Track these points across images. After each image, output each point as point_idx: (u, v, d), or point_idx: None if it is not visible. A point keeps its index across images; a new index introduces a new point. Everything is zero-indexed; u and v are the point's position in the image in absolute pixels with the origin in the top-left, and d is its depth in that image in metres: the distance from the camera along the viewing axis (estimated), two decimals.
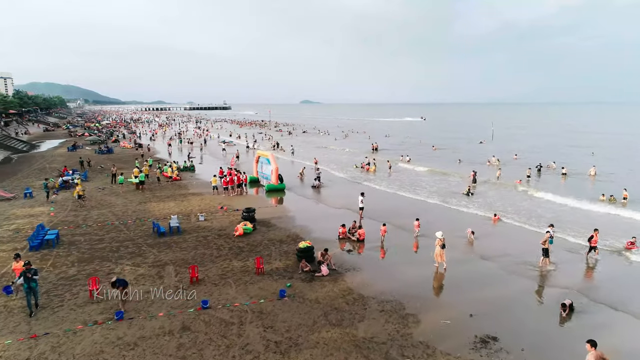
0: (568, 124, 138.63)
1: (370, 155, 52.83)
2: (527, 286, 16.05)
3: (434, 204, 29.22)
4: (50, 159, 49.92)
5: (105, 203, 28.33)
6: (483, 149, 64.18)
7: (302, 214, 26.37)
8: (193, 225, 23.40)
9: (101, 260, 17.91)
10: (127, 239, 20.80)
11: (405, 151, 58.59)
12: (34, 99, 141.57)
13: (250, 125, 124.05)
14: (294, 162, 50.43)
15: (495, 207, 27.95)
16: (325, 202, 30.18)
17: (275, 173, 33.11)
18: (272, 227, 23.16)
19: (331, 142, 75.24)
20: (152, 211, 26.30)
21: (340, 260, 18.22)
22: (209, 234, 21.71)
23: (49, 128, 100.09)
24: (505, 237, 22.20)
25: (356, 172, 42.32)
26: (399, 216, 25.38)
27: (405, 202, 29.85)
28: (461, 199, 30.61)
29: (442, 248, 17.53)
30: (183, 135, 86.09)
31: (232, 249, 19.47)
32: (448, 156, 55.22)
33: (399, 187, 34.86)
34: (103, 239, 20.78)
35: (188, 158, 51.19)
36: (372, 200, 28.53)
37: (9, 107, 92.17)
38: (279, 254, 18.84)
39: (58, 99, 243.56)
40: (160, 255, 18.60)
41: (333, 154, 57.04)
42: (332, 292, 15.11)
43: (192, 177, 38.47)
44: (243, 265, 17.52)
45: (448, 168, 44.88)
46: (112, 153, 56.13)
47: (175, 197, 30.28)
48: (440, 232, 18.11)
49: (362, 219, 25.09)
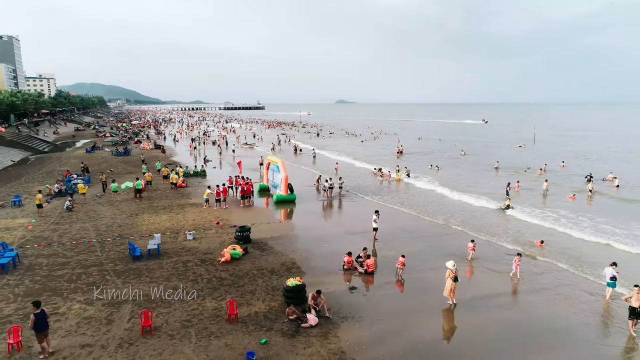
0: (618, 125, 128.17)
1: (389, 161, 48.82)
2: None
3: (459, 225, 25.00)
4: (64, 161, 48.61)
5: (93, 214, 25.77)
6: (522, 154, 58.56)
7: (306, 233, 22.83)
8: (178, 245, 20.32)
9: (51, 293, 15.00)
10: (95, 263, 17.91)
11: (433, 155, 54.13)
12: (70, 99, 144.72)
13: (278, 126, 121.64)
14: (316, 166, 47.02)
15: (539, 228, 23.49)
16: (336, 219, 26.63)
17: (285, 182, 29.73)
18: (266, 251, 19.74)
19: (357, 145, 71.31)
20: (139, 226, 23.48)
21: (339, 302, 14.58)
22: (191, 259, 18.53)
23: (80, 128, 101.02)
24: (551, 275, 17.83)
25: (375, 181, 38.31)
26: (418, 239, 21.51)
27: (423, 222, 25.73)
28: (495, 215, 26.19)
29: (455, 281, 14.39)
30: (207, 136, 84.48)
31: (211, 282, 16.18)
32: (479, 162, 50.14)
33: (418, 202, 30.73)
34: (69, 262, 17.96)
35: (204, 161, 48.77)
36: (388, 218, 24.75)
37: (41, 107, 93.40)
38: (265, 291, 15.39)
39: (97, 99, 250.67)
40: (123, 287, 15.53)
41: (356, 158, 53.09)
42: (318, 354, 11.51)
43: (199, 184, 35.59)
44: (217, 306, 14.16)
45: (475, 178, 40.20)
46: (129, 155, 54.48)
47: (172, 208, 27.43)
48: (452, 262, 14.85)
49: (377, 240, 21.32)
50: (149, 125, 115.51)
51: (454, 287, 14.61)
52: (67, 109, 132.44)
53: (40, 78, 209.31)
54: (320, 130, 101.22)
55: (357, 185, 35.34)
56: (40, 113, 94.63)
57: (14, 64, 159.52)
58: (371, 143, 74.89)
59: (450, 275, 14.67)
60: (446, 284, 14.76)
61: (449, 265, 14.88)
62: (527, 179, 38.56)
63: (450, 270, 14.72)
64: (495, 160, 46.93)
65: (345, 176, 35.95)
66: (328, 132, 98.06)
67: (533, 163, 47.21)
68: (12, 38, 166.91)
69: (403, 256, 17.21)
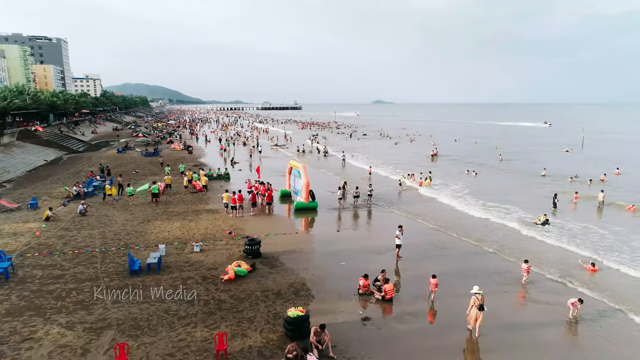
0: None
1: (422, 166, 46.00)
2: None
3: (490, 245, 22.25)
4: (94, 161, 48.86)
5: (105, 220, 24.83)
6: (570, 159, 54.08)
7: (323, 248, 20.88)
8: (183, 258, 18.84)
9: (34, 313, 13.74)
10: (90, 277, 16.65)
11: (468, 160, 50.77)
12: (112, 98, 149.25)
13: (312, 126, 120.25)
14: (345, 170, 44.97)
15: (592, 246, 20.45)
16: (358, 231, 24.42)
17: (306, 189, 27.87)
18: (276, 268, 17.92)
19: (390, 147, 68.59)
20: (149, 234, 22.25)
21: (348, 336, 12.55)
22: (193, 275, 16.97)
23: (118, 127, 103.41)
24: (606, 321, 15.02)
25: (403, 189, 35.78)
26: (446, 258, 19.10)
27: (451, 237, 23.12)
28: (532, 232, 23.24)
29: (480, 310, 12.38)
30: (239, 135, 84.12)
31: (208, 304, 14.50)
32: (519, 168, 46.37)
33: (446, 216, 28.04)
34: (63, 275, 16.79)
35: (231, 163, 47.75)
36: (413, 232, 22.51)
37: (82, 107, 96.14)
38: (265, 319, 13.54)
39: (139, 99, 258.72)
40: (112, 308, 14.11)
41: (385, 162, 50.54)
42: None
43: (221, 188, 34.19)
44: (208, 337, 12.43)
45: (513, 187, 36.88)
46: (157, 155, 54.28)
47: (187, 215, 26.15)
48: (477, 287, 12.94)
49: (400, 258, 19.08)
50: (184, 125, 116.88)
51: (479, 316, 12.53)
52: (108, 108, 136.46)
53: (87, 79, 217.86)
54: (354, 132, 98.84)
55: (384, 194, 32.97)
56: (81, 112, 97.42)
57: (62, 65, 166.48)
58: (405, 145, 71.93)
59: (475, 303, 12.64)
60: (470, 312, 12.83)
61: (474, 290, 12.91)
62: (576, 189, 34.89)
63: (475, 297, 12.72)
64: (542, 168, 43.03)
65: (372, 182, 33.62)
66: (362, 133, 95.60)
67: (582, 170, 43.10)
68: (60, 40, 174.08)
69: (434, 276, 15.02)
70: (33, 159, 48.33)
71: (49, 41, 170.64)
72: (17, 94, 61.20)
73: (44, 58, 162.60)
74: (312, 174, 35.16)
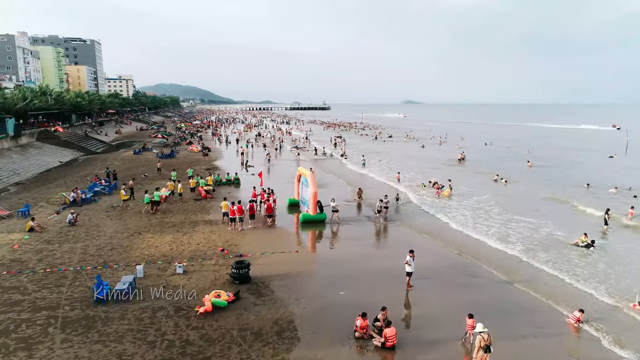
0: None
1: (447, 172, 42.64)
2: None
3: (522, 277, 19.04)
4: (108, 163, 47.78)
5: (94, 231, 22.97)
6: (614, 166, 49.32)
7: (323, 271, 18.30)
8: (162, 281, 16.64)
9: None
10: (50, 304, 14.62)
11: (499, 166, 46.91)
12: (140, 98, 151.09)
13: (337, 127, 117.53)
14: (363, 176, 42.16)
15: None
16: (367, 251, 21.53)
17: (314, 199, 25.32)
18: (263, 297, 15.44)
19: (415, 151, 65.15)
20: (134, 249, 20.22)
21: None
22: (165, 305, 14.68)
23: (143, 128, 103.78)
24: None
25: (427, 197, 32.70)
26: (468, 288, 16.13)
27: (470, 262, 20.02)
28: (572, 255, 19.88)
29: (486, 352, 10.57)
30: (262, 136, 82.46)
31: (172, 347, 12.16)
32: (554, 177, 42.26)
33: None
34: (22, 301, 14.84)
35: (245, 167, 45.80)
36: (426, 253, 19.61)
37: (108, 107, 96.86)
38: None
39: (170, 99, 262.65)
40: (58, 349, 11.97)
41: (412, 166, 47.31)
42: None
43: (229, 195, 31.96)
44: None
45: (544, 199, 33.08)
46: (173, 157, 53.00)
47: (182, 226, 24.06)
48: (482, 325, 10.80)
49: (411, 288, 16.30)
50: (208, 125, 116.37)
51: (485, 359, 10.48)
52: (137, 108, 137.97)
53: (120, 79, 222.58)
54: (379, 134, 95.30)
55: (401, 205, 30.04)
56: (107, 113, 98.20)
57: (95, 66, 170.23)
58: (433, 148, 68.25)
59: (481, 343, 10.48)
60: (476, 356, 10.65)
61: (479, 329, 10.85)
62: (619, 202, 30.91)
63: (481, 336, 10.56)
64: (583, 177, 38.85)
65: (386, 191, 30.65)
66: (387, 135, 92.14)
67: (625, 180, 38.69)
68: (94, 42, 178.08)
69: (471, 316, 12.27)
70: (48, 160, 47.80)
71: (83, 43, 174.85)
72: (40, 94, 61.29)
73: (78, 59, 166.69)
74: (328, 181, 32.67)
